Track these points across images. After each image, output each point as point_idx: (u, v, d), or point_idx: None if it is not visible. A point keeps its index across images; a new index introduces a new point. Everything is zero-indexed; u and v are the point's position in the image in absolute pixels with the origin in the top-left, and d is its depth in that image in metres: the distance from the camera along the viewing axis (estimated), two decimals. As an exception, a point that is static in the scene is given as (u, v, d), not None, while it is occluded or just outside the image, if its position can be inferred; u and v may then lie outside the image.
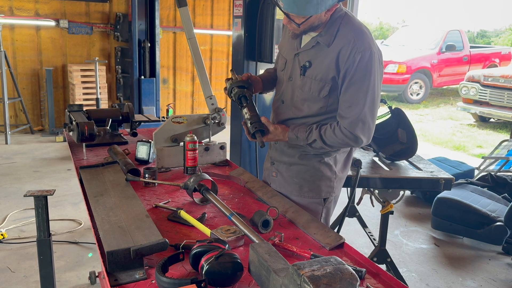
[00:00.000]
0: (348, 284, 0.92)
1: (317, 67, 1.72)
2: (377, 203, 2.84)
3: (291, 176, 1.89)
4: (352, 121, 1.68)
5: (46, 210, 2.00)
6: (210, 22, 7.77)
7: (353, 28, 1.67)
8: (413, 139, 2.73)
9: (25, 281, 2.85)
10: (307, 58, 1.75)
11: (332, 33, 1.68)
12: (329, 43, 1.68)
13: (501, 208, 3.80)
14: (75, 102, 6.15)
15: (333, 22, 1.68)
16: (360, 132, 1.69)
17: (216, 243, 1.24)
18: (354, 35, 1.64)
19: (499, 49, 12.98)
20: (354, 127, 1.68)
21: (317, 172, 1.85)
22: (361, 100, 1.66)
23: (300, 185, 1.87)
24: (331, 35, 1.68)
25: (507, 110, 7.83)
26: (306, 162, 1.85)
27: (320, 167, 1.84)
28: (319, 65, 1.71)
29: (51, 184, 4.53)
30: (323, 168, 1.84)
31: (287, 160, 1.90)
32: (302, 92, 1.78)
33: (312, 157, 1.84)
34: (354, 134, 1.69)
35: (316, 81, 1.72)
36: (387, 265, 2.91)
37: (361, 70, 1.63)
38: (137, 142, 2.28)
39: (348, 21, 1.68)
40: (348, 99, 1.68)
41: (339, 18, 1.68)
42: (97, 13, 6.76)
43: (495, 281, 3.18)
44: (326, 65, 1.69)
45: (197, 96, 7.94)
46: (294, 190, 1.89)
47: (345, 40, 1.65)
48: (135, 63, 6.16)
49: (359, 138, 1.70)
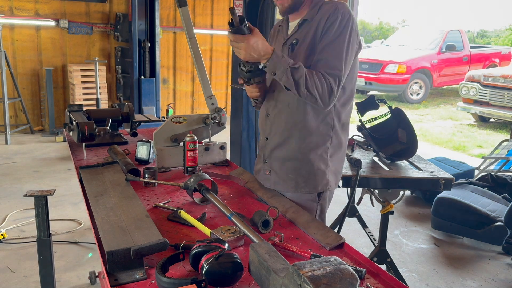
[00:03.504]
0: (348, 284, 0.92)
1: (304, 41, 1.74)
2: (377, 203, 2.84)
3: (286, 172, 1.86)
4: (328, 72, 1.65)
5: (46, 210, 2.00)
6: (210, 22, 7.77)
7: (334, 2, 1.74)
8: (413, 139, 2.73)
9: (25, 281, 2.85)
10: (294, 38, 1.79)
11: (315, 10, 1.75)
12: (312, 17, 1.74)
13: (501, 208, 3.80)
14: (75, 102, 6.15)
15: (316, 3, 1.76)
16: (333, 82, 1.65)
17: (216, 243, 1.24)
18: (336, 4, 1.71)
19: (499, 49, 12.98)
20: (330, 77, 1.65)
21: (312, 166, 1.82)
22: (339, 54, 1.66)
23: (296, 180, 1.84)
24: (315, 11, 1.75)
25: (507, 110, 7.83)
26: (301, 156, 1.82)
27: (314, 160, 1.82)
28: (305, 38, 1.74)
29: (51, 184, 4.53)
30: (317, 161, 1.82)
31: (281, 155, 1.86)
32: None
33: (306, 150, 1.81)
34: (329, 83, 1.65)
35: (304, 51, 1.73)
36: (387, 265, 2.91)
37: (340, 28, 1.66)
38: (137, 142, 2.28)
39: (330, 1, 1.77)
40: (326, 55, 1.67)
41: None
42: (97, 13, 6.76)
43: (495, 281, 3.18)
44: (311, 34, 1.72)
45: (197, 96, 7.94)
46: (290, 186, 1.86)
47: (327, 9, 1.71)
48: (135, 63, 6.16)
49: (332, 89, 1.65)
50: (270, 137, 1.90)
